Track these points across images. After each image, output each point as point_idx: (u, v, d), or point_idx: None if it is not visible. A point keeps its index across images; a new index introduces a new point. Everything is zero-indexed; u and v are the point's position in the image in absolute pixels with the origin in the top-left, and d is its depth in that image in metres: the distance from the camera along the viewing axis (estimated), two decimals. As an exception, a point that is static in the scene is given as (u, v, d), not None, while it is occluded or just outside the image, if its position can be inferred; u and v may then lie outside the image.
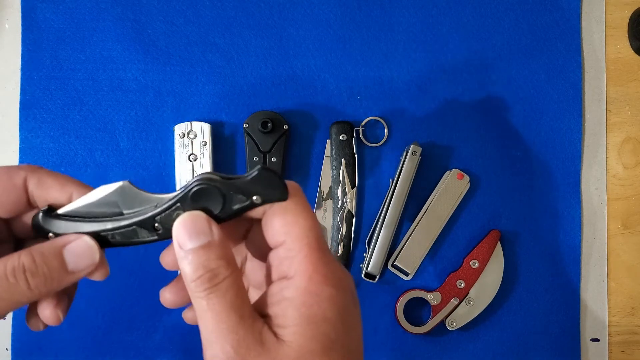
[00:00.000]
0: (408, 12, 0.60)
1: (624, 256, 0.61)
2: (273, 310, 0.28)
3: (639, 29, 0.60)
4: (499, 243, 0.59)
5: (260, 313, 0.29)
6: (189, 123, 0.58)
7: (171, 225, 0.29)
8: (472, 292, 0.58)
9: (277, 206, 0.29)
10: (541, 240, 0.60)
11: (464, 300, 0.58)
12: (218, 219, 0.29)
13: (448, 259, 0.60)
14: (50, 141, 0.59)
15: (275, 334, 0.28)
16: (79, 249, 0.29)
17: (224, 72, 0.60)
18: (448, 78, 0.60)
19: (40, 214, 0.30)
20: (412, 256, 0.59)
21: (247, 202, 0.29)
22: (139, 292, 0.59)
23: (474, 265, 0.58)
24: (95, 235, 0.30)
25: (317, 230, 0.29)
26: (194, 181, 0.28)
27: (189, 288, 0.28)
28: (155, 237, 0.30)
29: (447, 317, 0.58)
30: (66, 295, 0.31)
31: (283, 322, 0.28)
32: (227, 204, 0.29)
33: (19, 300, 0.28)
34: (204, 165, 0.58)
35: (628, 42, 0.61)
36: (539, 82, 0.61)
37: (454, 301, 0.58)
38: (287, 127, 0.58)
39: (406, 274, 0.59)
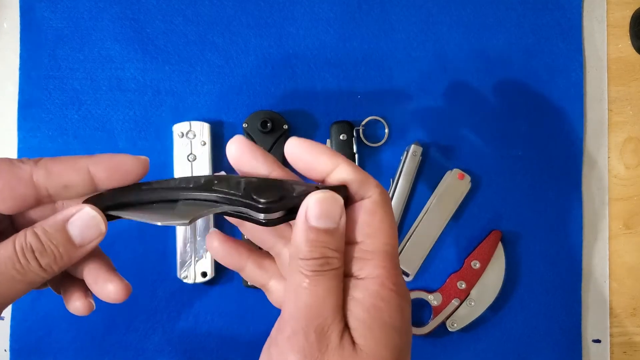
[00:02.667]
0: (408, 12, 0.60)
1: (625, 257, 0.61)
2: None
3: (640, 28, 0.60)
4: (500, 243, 0.59)
5: None
6: (188, 123, 0.57)
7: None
8: (473, 292, 0.58)
9: (368, 205, 0.29)
10: (542, 241, 0.60)
11: (465, 301, 0.58)
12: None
13: (449, 260, 0.60)
14: (48, 141, 0.59)
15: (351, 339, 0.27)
16: (82, 222, 0.28)
17: (223, 72, 0.59)
18: (449, 77, 0.60)
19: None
20: (412, 257, 0.59)
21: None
22: (138, 293, 0.58)
23: (475, 265, 0.58)
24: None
25: (396, 241, 0.29)
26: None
27: (293, 260, 0.28)
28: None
29: (448, 318, 0.58)
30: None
31: (351, 322, 0.27)
32: (287, 196, 0.29)
33: (33, 280, 0.28)
34: (203, 165, 0.57)
35: (629, 42, 0.61)
36: (540, 81, 0.60)
37: (455, 302, 0.58)
38: (286, 127, 0.58)
39: (407, 275, 0.59)
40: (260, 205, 0.28)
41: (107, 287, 0.30)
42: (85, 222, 0.28)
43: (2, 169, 0.28)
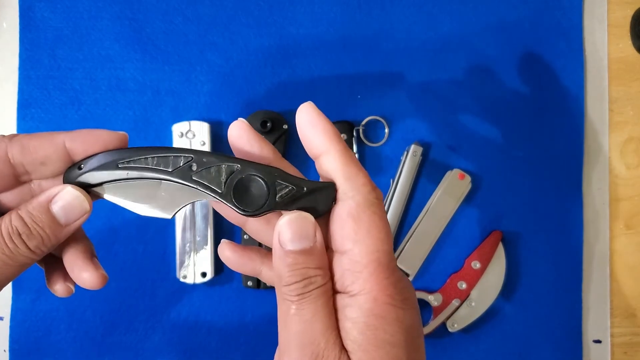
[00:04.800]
0: (408, 11, 0.60)
1: (626, 257, 0.61)
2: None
3: (641, 28, 0.60)
4: (500, 244, 0.59)
5: None
6: (187, 122, 0.57)
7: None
8: (474, 293, 0.58)
9: (351, 209, 0.27)
10: (543, 241, 0.60)
11: (466, 302, 0.58)
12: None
13: (449, 260, 0.59)
14: (48, 141, 0.58)
15: (344, 350, 0.26)
16: (66, 202, 0.28)
17: (222, 71, 0.59)
18: (449, 77, 0.60)
19: (67, 170, 0.29)
20: (413, 257, 0.58)
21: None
22: (138, 294, 0.58)
23: (476, 266, 0.58)
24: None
25: (389, 244, 0.27)
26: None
27: (279, 289, 0.27)
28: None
29: (448, 318, 0.58)
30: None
31: (348, 344, 0.26)
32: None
33: (24, 262, 0.28)
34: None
35: (630, 41, 0.61)
36: (541, 81, 0.60)
37: (455, 302, 0.58)
38: (286, 126, 0.58)
39: (407, 275, 0.59)
40: (239, 211, 0.28)
41: (82, 275, 0.30)
42: (68, 201, 0.28)
43: None
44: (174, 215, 0.29)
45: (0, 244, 0.27)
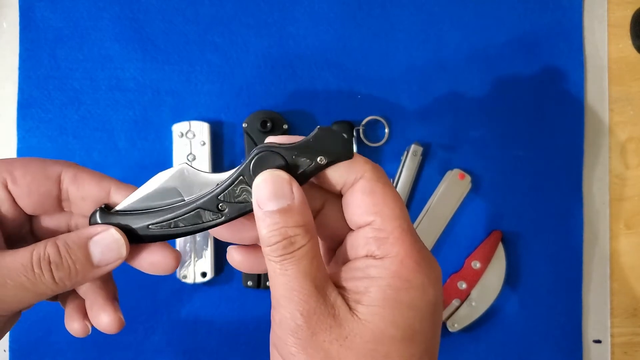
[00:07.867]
0: (409, 11, 0.60)
1: (626, 257, 0.61)
2: (353, 284, 0.27)
3: (641, 28, 0.60)
4: (500, 244, 0.59)
5: (335, 284, 0.28)
6: (187, 122, 0.57)
7: (236, 202, 0.28)
8: (474, 293, 0.58)
9: (364, 185, 0.28)
10: (543, 241, 0.60)
11: (466, 302, 0.58)
12: None
13: (449, 260, 0.59)
14: (48, 141, 0.58)
15: (350, 308, 0.27)
16: (105, 242, 0.28)
17: (223, 72, 0.59)
18: (449, 77, 0.60)
19: (98, 213, 0.29)
20: (412, 257, 0.58)
21: (312, 164, 0.28)
22: (138, 294, 0.58)
23: (476, 266, 0.58)
24: (158, 225, 0.28)
25: (407, 213, 0.28)
26: (254, 151, 0.27)
27: (263, 249, 0.27)
28: (222, 219, 0.28)
29: (448, 318, 0.58)
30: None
31: (362, 299, 0.27)
32: (291, 169, 0.28)
33: (43, 292, 0.27)
34: (203, 165, 0.57)
35: (630, 41, 0.61)
36: (541, 81, 0.60)
37: (455, 302, 0.58)
38: (286, 126, 0.58)
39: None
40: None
41: (100, 316, 0.30)
42: (108, 243, 0.28)
43: (33, 165, 0.29)
44: None
45: (26, 267, 0.27)
